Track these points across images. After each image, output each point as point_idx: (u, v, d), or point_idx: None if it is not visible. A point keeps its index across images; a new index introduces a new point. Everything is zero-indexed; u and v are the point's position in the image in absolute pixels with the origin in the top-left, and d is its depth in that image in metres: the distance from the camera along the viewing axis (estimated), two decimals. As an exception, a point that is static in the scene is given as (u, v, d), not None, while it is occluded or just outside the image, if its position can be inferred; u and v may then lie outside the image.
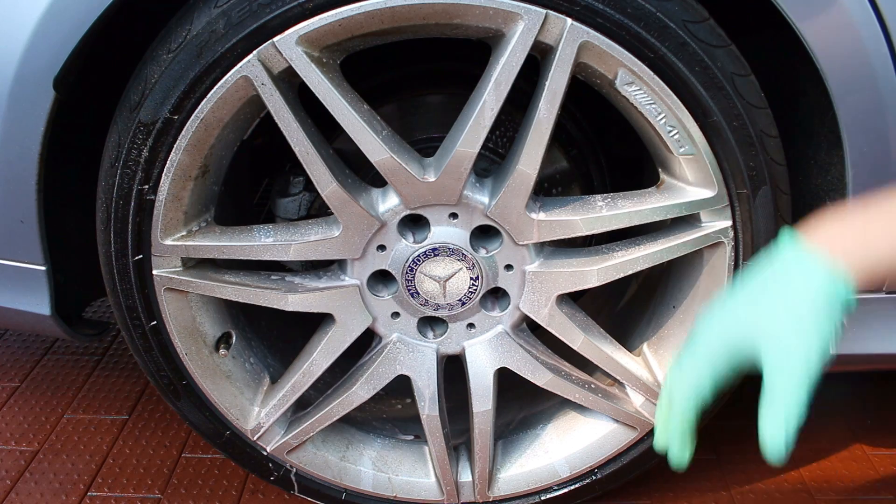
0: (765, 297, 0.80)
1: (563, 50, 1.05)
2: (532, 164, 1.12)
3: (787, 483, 1.55)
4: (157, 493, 1.54)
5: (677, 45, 1.05)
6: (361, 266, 1.24)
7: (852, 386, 1.80)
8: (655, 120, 1.10)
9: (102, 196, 1.17)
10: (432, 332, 1.32)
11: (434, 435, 1.35)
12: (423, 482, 1.42)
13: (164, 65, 1.08)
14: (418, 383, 1.32)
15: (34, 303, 1.28)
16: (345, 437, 1.45)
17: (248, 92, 1.09)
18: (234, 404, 1.34)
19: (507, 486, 1.42)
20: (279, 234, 1.20)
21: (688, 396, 0.81)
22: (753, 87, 1.10)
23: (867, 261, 0.76)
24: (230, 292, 1.24)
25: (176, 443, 1.67)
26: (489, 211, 1.18)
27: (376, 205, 1.19)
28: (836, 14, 1.03)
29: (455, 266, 1.22)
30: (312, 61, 1.06)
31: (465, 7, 1.03)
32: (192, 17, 1.07)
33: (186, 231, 1.20)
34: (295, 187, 1.38)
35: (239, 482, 1.56)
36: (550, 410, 1.46)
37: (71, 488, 1.55)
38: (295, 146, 1.12)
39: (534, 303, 1.26)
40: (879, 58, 1.05)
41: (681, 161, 1.13)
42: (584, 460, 1.39)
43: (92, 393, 1.81)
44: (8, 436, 1.69)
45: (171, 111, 1.09)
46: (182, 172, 1.14)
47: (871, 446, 1.63)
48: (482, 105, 1.08)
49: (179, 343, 1.27)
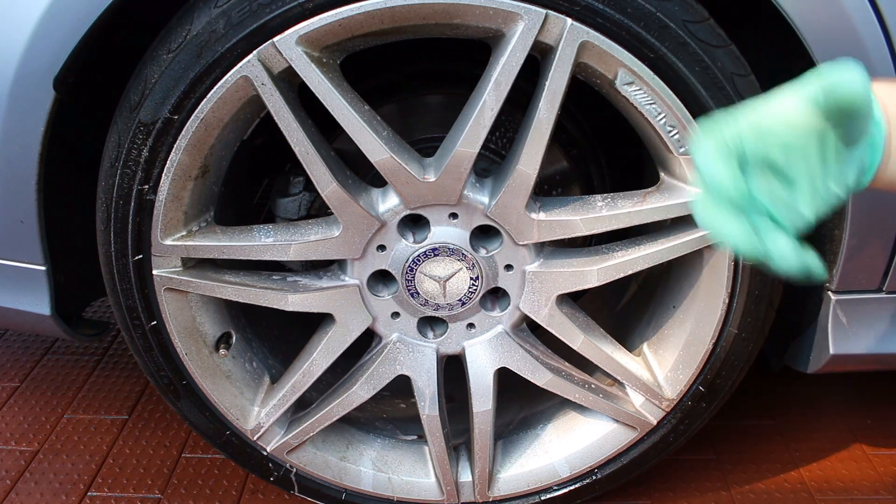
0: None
1: (563, 50, 1.05)
2: (532, 164, 1.12)
3: (787, 483, 1.55)
4: (157, 493, 1.54)
5: (677, 45, 1.05)
6: (361, 266, 1.24)
7: (852, 386, 1.80)
8: (655, 120, 1.10)
9: (102, 196, 1.17)
10: (432, 332, 1.32)
11: (434, 435, 1.35)
12: (423, 482, 1.42)
13: (164, 65, 1.08)
14: (418, 383, 1.32)
15: (34, 303, 1.28)
16: (345, 437, 1.45)
17: (248, 92, 1.09)
18: (234, 404, 1.34)
19: (507, 486, 1.42)
20: (279, 234, 1.20)
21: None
22: (753, 87, 1.10)
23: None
24: (230, 292, 1.24)
25: (176, 443, 1.67)
26: (489, 211, 1.18)
27: (376, 205, 1.19)
28: (835, 14, 1.03)
29: (455, 266, 1.22)
30: (312, 61, 1.06)
31: (465, 7, 1.03)
32: (192, 17, 1.07)
33: (186, 231, 1.20)
34: (295, 187, 1.38)
35: (239, 482, 1.56)
36: (550, 410, 1.46)
37: (71, 488, 1.55)
38: (295, 146, 1.12)
39: (534, 303, 1.26)
40: (879, 58, 1.05)
41: (681, 161, 1.13)
42: (584, 460, 1.39)
43: (92, 393, 1.81)
44: (8, 436, 1.69)
45: (171, 111, 1.09)
46: (182, 172, 1.14)
47: (871, 446, 1.63)
48: (482, 105, 1.08)
49: (179, 343, 1.27)
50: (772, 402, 1.75)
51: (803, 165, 0.72)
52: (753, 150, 0.71)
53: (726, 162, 0.69)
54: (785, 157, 0.71)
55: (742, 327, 1.24)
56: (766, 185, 0.72)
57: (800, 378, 1.53)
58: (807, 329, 1.30)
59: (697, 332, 1.27)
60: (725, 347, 1.26)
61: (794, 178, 0.72)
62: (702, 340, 1.26)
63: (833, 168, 0.72)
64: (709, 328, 1.25)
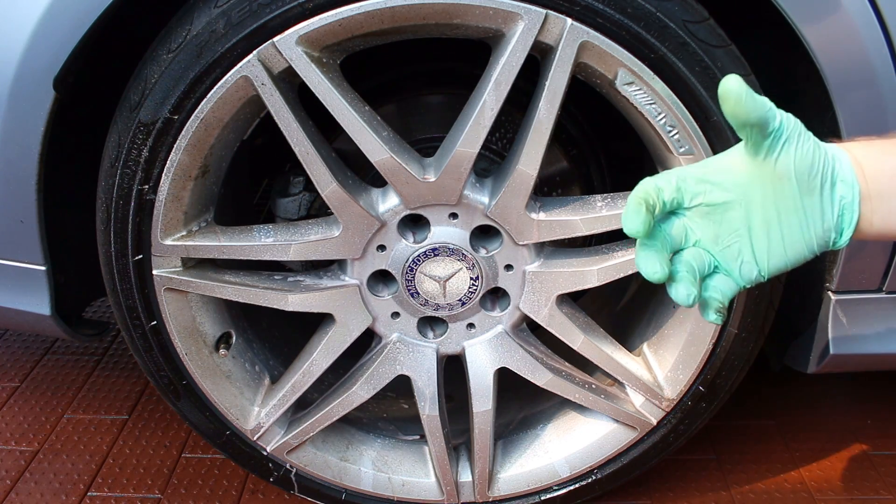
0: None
1: (563, 50, 1.05)
2: (532, 164, 1.12)
3: (787, 483, 1.55)
4: (157, 493, 1.54)
5: (677, 45, 1.05)
6: (361, 266, 1.24)
7: (852, 386, 1.80)
8: (655, 120, 1.10)
9: (102, 196, 1.17)
10: (432, 332, 1.32)
11: (434, 435, 1.35)
12: (423, 482, 1.42)
13: (164, 65, 1.08)
14: (418, 383, 1.32)
15: (34, 303, 1.28)
16: (345, 437, 1.45)
17: (248, 92, 1.09)
18: (234, 404, 1.34)
19: (507, 486, 1.42)
20: (279, 234, 1.20)
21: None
22: (753, 87, 1.09)
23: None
24: (230, 292, 1.24)
25: (176, 443, 1.67)
26: (489, 211, 1.18)
27: (376, 205, 1.19)
28: (836, 14, 1.03)
29: (455, 266, 1.22)
30: (312, 61, 1.06)
31: (465, 7, 1.03)
32: (192, 17, 1.07)
33: (186, 231, 1.20)
34: (295, 187, 1.38)
35: (239, 482, 1.56)
36: (550, 410, 1.46)
37: (71, 488, 1.55)
38: (295, 146, 1.12)
39: (534, 303, 1.26)
40: (879, 58, 1.05)
41: (681, 161, 1.13)
42: (584, 460, 1.39)
43: (92, 393, 1.81)
44: (8, 436, 1.69)
45: (171, 111, 1.09)
46: (182, 172, 1.14)
47: (871, 446, 1.63)
48: (482, 105, 1.08)
49: (179, 343, 1.27)
50: (772, 402, 1.75)
51: (748, 213, 0.73)
52: (692, 192, 0.74)
53: (637, 209, 0.72)
54: (725, 201, 0.74)
55: (742, 327, 1.24)
56: (711, 229, 0.74)
57: (800, 378, 1.53)
58: (807, 329, 1.30)
59: (697, 332, 1.26)
60: (725, 347, 1.26)
61: (738, 226, 0.74)
62: (702, 340, 1.26)
63: (793, 222, 0.73)
64: (709, 328, 1.25)
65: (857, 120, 1.08)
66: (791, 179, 0.72)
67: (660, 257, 0.73)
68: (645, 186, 0.74)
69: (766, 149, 0.71)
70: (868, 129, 1.09)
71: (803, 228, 0.73)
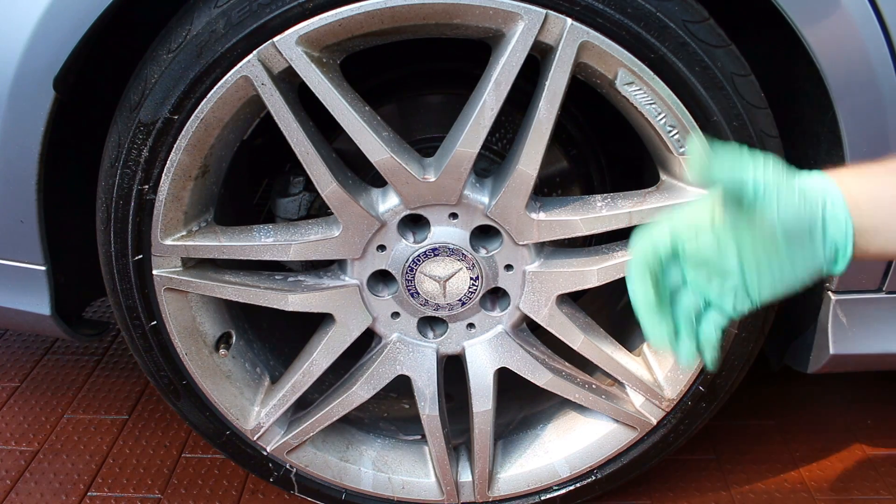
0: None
1: (563, 50, 1.05)
2: (532, 164, 1.12)
3: (787, 483, 1.55)
4: (157, 493, 1.54)
5: (677, 45, 1.05)
6: (361, 266, 1.24)
7: (852, 386, 1.80)
8: (655, 120, 1.10)
9: (102, 196, 1.17)
10: (432, 332, 1.32)
11: (434, 435, 1.35)
12: (423, 482, 1.42)
13: (164, 65, 1.08)
14: (418, 383, 1.32)
15: (34, 303, 1.28)
16: (345, 437, 1.45)
17: (248, 92, 1.09)
18: (234, 404, 1.34)
19: (507, 486, 1.42)
20: (279, 234, 1.20)
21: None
22: (753, 87, 1.10)
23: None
24: (230, 292, 1.24)
25: (176, 443, 1.67)
26: (489, 211, 1.18)
27: (376, 205, 1.19)
28: (836, 14, 1.03)
29: (455, 266, 1.22)
30: (312, 61, 1.06)
31: (465, 7, 1.03)
32: (192, 17, 1.07)
33: (186, 231, 1.20)
34: (295, 187, 1.38)
35: (239, 482, 1.56)
36: (550, 410, 1.46)
37: (71, 488, 1.55)
38: (295, 146, 1.12)
39: (534, 303, 1.26)
40: (879, 58, 1.05)
41: (681, 161, 1.13)
42: (584, 460, 1.39)
43: (92, 393, 1.81)
44: (8, 436, 1.69)
45: (171, 111, 1.09)
46: (182, 172, 1.14)
47: (871, 446, 1.63)
48: (482, 105, 1.08)
49: (179, 343, 1.27)
50: (772, 402, 1.75)
51: (740, 252, 0.73)
52: (685, 238, 0.75)
53: (642, 281, 0.74)
54: (716, 243, 0.74)
55: (742, 327, 1.24)
56: (704, 270, 0.76)
57: (800, 378, 1.53)
58: (807, 329, 1.30)
59: (697, 332, 1.26)
60: (725, 347, 1.26)
61: (730, 267, 0.74)
62: (702, 340, 1.26)
63: (784, 263, 0.73)
64: (709, 328, 1.25)
65: (857, 120, 1.08)
66: (775, 233, 0.72)
67: (665, 321, 0.76)
68: (643, 251, 0.75)
69: (746, 206, 0.72)
70: (868, 128, 1.08)
71: (795, 267, 0.74)
